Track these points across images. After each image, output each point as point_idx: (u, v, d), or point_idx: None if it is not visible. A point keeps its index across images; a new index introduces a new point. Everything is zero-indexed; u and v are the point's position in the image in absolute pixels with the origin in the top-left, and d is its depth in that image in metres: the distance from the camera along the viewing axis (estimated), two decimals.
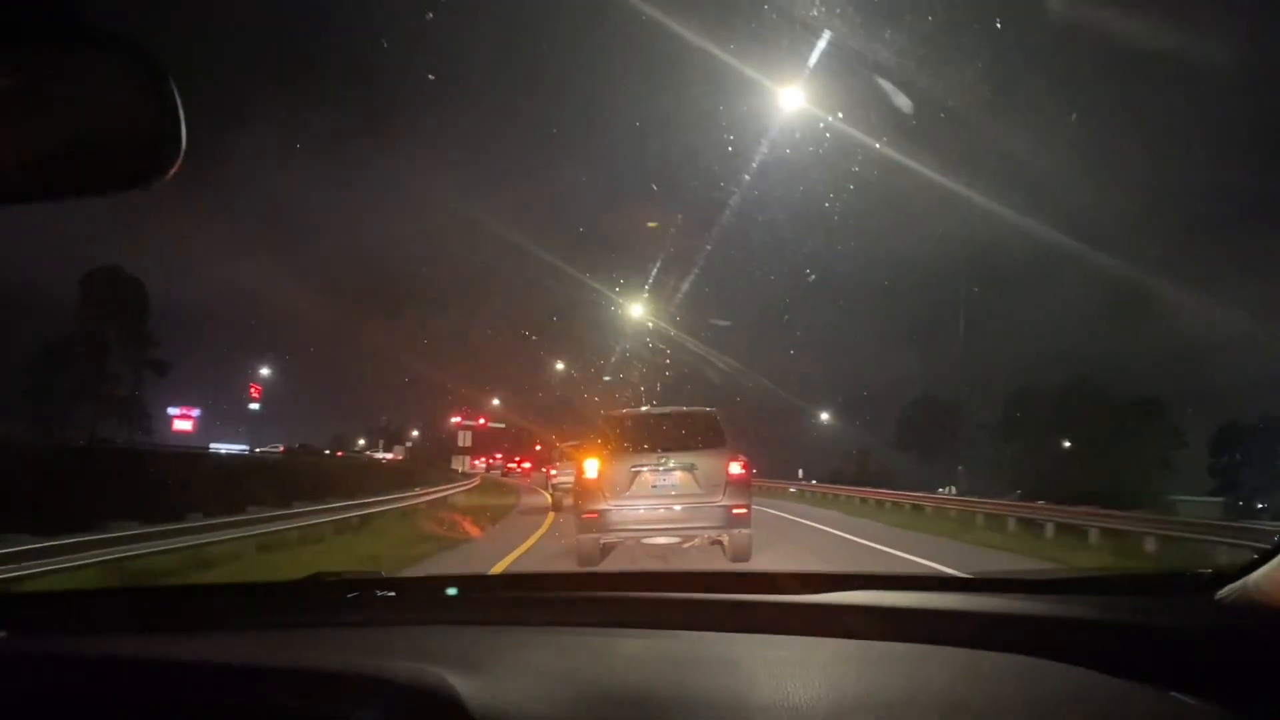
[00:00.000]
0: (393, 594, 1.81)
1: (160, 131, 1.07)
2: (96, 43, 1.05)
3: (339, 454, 50.23)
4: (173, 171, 1.08)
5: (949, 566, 9.86)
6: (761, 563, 9.63)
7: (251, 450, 62.94)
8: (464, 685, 1.17)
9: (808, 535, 15.83)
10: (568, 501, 17.23)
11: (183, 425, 67.25)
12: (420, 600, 1.84)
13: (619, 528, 9.52)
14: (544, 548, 12.66)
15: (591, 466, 9.72)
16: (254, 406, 64.21)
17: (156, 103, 1.07)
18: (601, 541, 9.67)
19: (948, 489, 36.79)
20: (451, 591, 1.83)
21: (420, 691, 1.16)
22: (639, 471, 9.59)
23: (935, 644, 1.35)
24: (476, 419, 51.45)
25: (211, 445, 63.15)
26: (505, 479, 51.61)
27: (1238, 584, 1.30)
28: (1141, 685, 1.19)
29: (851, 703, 1.18)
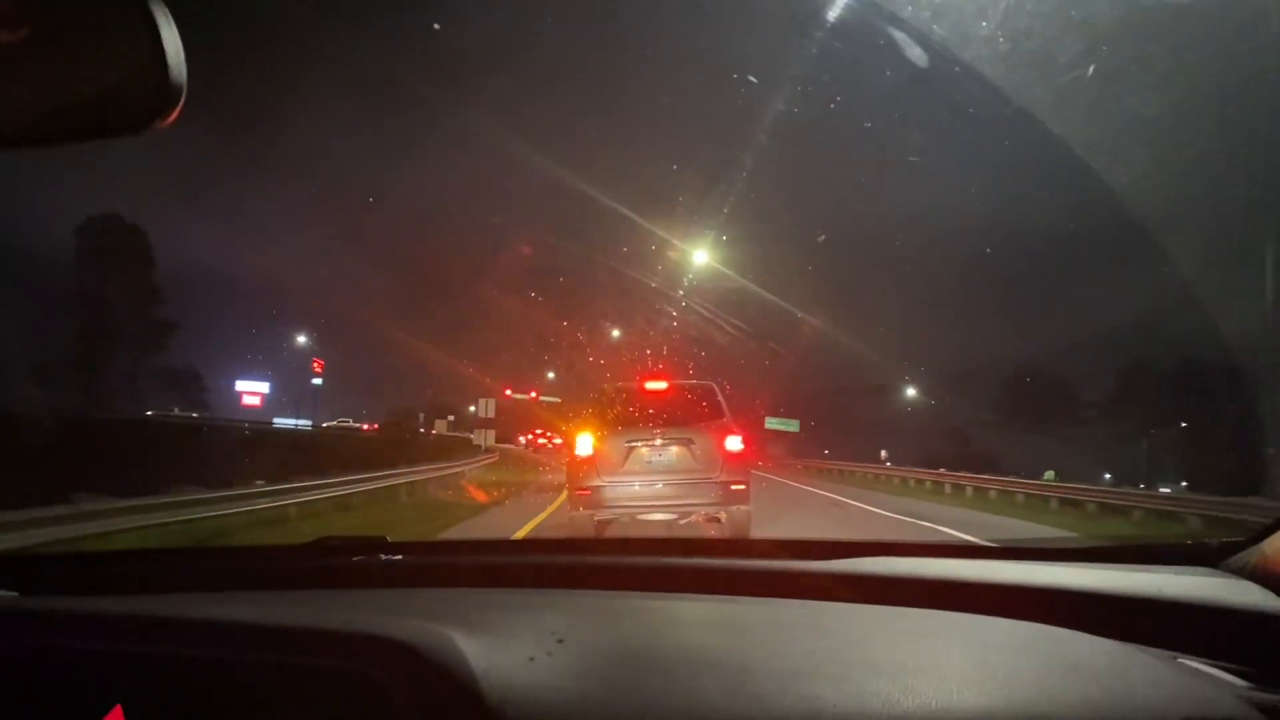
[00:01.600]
0: (399, 557, 1.84)
1: (163, 72, 1.08)
2: None
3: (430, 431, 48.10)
4: (174, 115, 1.10)
5: None
6: None
7: (315, 426, 62.42)
8: (470, 645, 1.19)
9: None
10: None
11: (251, 400, 67.61)
12: (427, 563, 1.90)
13: (612, 505, 9.35)
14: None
15: (584, 442, 9.51)
16: (316, 381, 63.73)
17: (156, 44, 1.07)
18: (596, 519, 9.43)
19: (1050, 475, 32.08)
20: (456, 555, 2.05)
21: (426, 650, 1.16)
22: (633, 447, 9.41)
23: (951, 610, 1.39)
24: (527, 391, 49.07)
25: (275, 421, 63.15)
26: (535, 455, 48.40)
27: (1247, 552, 1.38)
28: (1152, 651, 1.23)
29: (864, 667, 1.19)
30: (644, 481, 9.37)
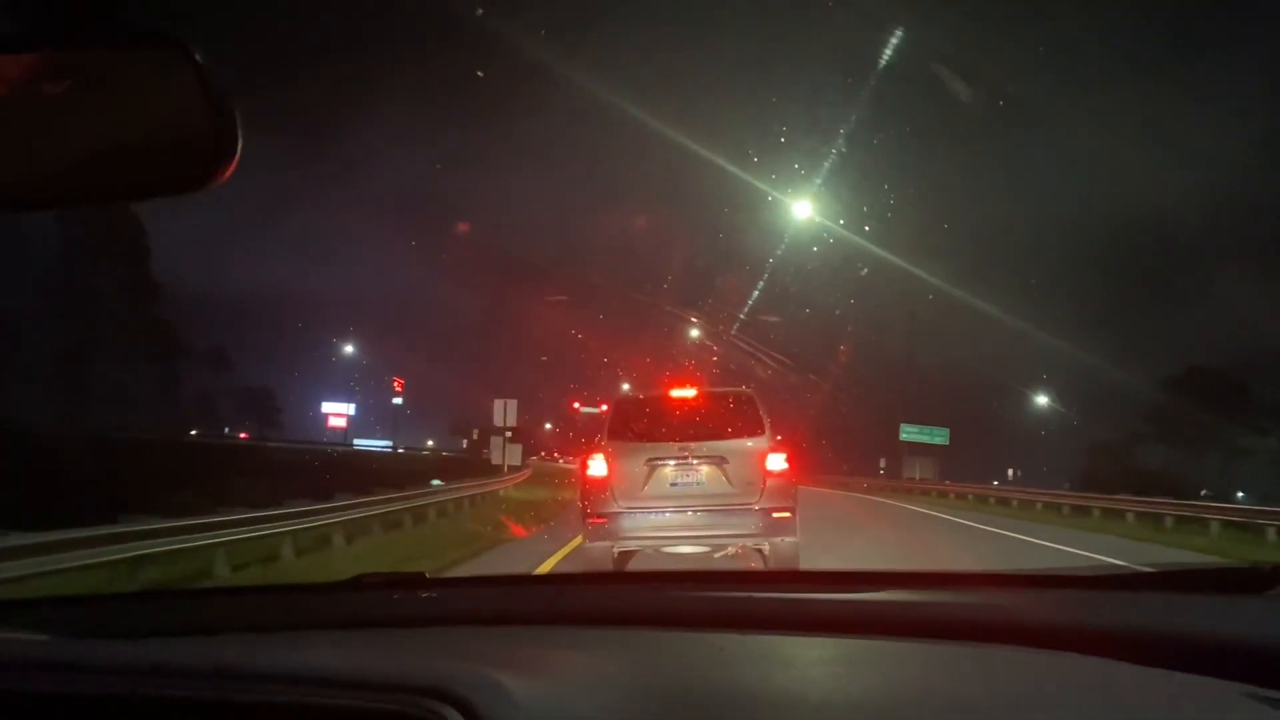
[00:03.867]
0: (435, 594, 1.86)
1: (215, 133, 1.07)
2: (149, 43, 1.07)
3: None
4: (229, 174, 1.09)
5: None
6: None
7: (394, 449, 60.19)
8: (515, 684, 1.17)
9: None
10: None
11: (337, 422, 66.35)
12: (465, 600, 1.88)
13: (632, 535, 8.12)
14: None
15: (598, 463, 8.19)
16: (397, 401, 61.82)
17: (210, 103, 1.07)
18: (616, 551, 8.20)
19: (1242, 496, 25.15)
20: (494, 592, 1.96)
21: (466, 691, 1.13)
22: (656, 467, 8.10)
23: (986, 643, 1.35)
24: (598, 404, 44.91)
25: (355, 442, 61.41)
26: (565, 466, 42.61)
27: None
28: (1201, 679, 1.17)
29: (906, 700, 1.18)
30: (670, 508, 8.08)
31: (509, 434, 27.94)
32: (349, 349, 64.60)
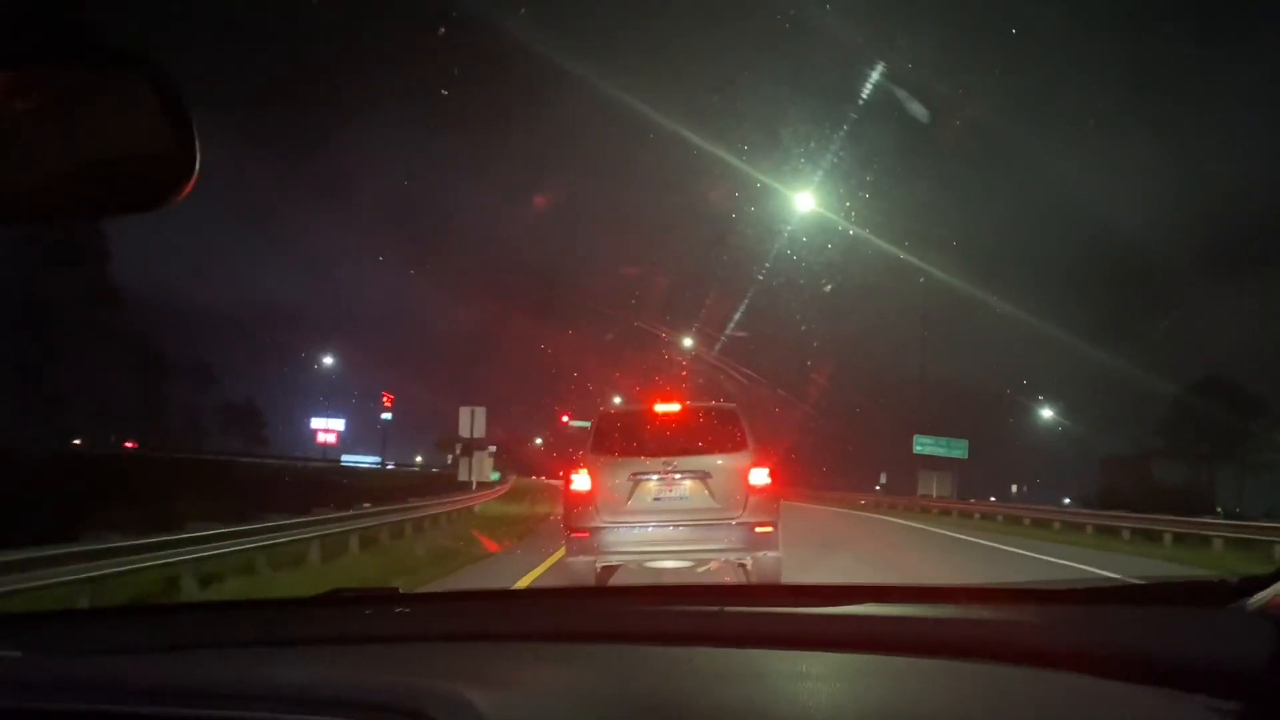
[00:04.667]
0: (409, 610, 1.85)
1: (175, 152, 1.08)
2: (110, 63, 1.07)
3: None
4: (186, 192, 1.10)
5: None
6: None
7: (382, 464, 58.75)
8: (484, 701, 1.18)
9: None
10: None
11: (326, 438, 65.07)
12: (438, 616, 1.86)
13: (615, 550, 8.00)
14: None
15: (581, 478, 8.10)
16: (386, 416, 60.43)
17: (171, 123, 1.07)
18: (598, 566, 8.07)
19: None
20: (469, 607, 1.92)
21: (439, 707, 1.16)
22: (640, 481, 8.02)
23: (960, 658, 1.34)
24: (591, 417, 43.11)
25: (344, 458, 60.01)
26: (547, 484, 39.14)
27: (1271, 590, 1.28)
28: (1173, 693, 1.18)
29: (879, 716, 1.20)
30: (653, 522, 8.02)
31: (493, 449, 26.42)
32: (339, 365, 63.27)
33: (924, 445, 37.37)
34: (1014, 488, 37.40)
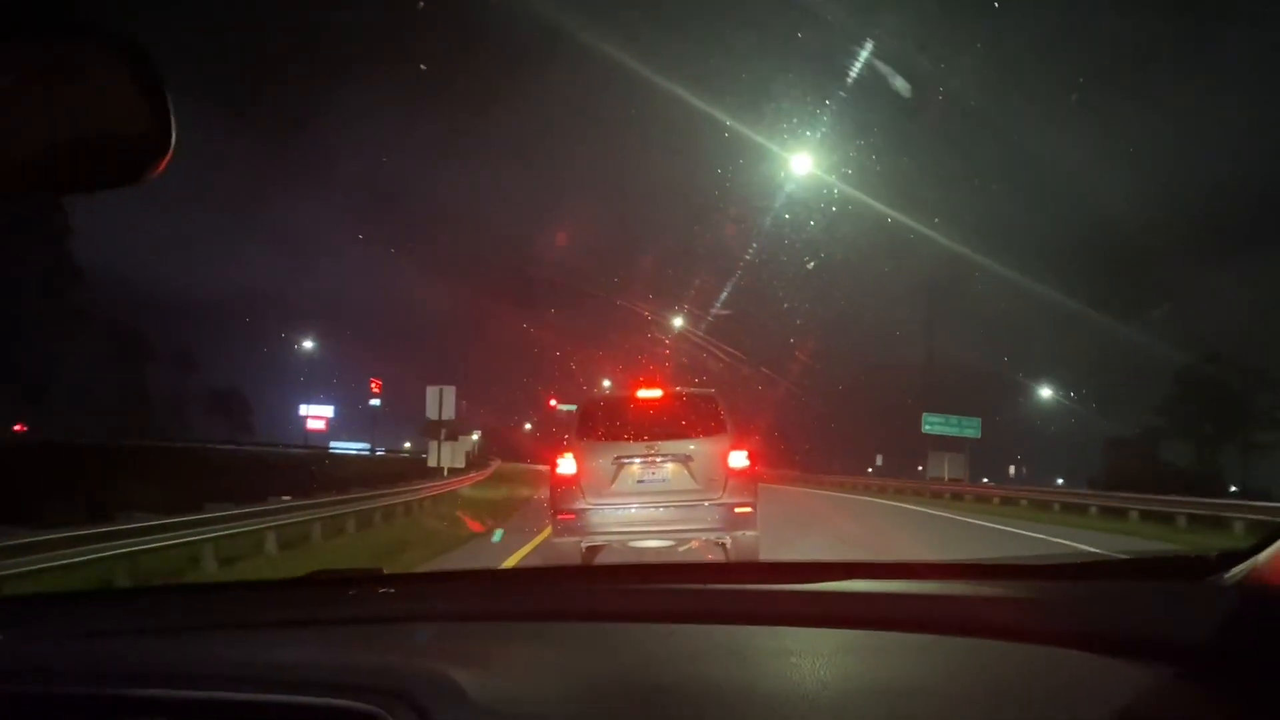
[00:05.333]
0: (393, 590, 1.84)
1: (150, 127, 1.08)
2: (84, 37, 1.06)
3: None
4: (161, 167, 1.09)
5: None
6: None
7: (372, 451, 57.67)
8: (469, 681, 1.19)
9: None
10: None
11: (315, 425, 63.93)
12: (422, 596, 1.84)
13: (600, 530, 8.35)
14: None
15: (566, 461, 8.44)
16: (375, 403, 59.34)
17: (146, 97, 1.07)
18: (584, 546, 8.41)
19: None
20: (453, 588, 1.91)
21: (423, 687, 1.17)
22: (623, 465, 8.36)
23: (938, 633, 1.36)
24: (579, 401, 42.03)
25: (332, 445, 58.93)
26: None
27: (1246, 564, 1.29)
28: (1144, 667, 1.20)
29: (858, 691, 1.21)
30: (636, 504, 8.31)
31: (477, 434, 25.10)
32: (328, 351, 62.19)
33: (933, 424, 34.30)
34: (1011, 469, 36.23)
